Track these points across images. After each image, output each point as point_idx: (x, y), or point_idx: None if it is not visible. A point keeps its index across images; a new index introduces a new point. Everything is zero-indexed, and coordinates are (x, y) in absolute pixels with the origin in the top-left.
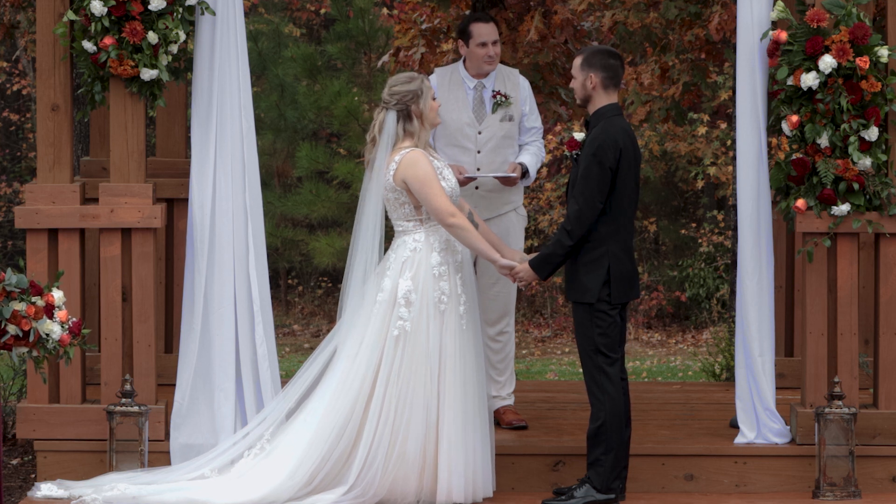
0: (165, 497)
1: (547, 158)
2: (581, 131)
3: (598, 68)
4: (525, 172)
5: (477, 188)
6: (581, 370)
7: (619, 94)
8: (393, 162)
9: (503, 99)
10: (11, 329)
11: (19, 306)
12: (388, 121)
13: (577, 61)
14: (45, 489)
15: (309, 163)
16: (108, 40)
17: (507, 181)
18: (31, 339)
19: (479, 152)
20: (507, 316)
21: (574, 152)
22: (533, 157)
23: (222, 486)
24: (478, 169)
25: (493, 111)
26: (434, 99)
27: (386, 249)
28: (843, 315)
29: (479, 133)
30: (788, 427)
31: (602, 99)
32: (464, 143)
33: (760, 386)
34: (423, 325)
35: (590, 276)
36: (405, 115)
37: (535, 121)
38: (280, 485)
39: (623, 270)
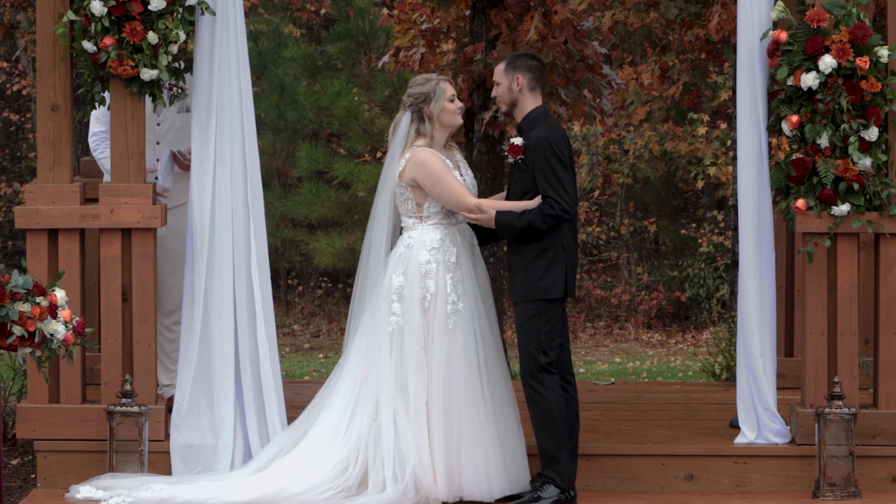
0: (194, 496)
1: None
2: (516, 136)
3: (524, 70)
4: None
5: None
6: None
7: (614, 100)
8: (403, 159)
9: (179, 91)
10: (17, 330)
11: (24, 307)
12: (402, 122)
13: (500, 67)
14: (85, 491)
15: (309, 163)
16: (108, 40)
17: (180, 162)
18: (37, 339)
19: (157, 143)
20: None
21: (518, 157)
22: None
23: (248, 481)
24: (157, 160)
25: (171, 103)
26: (452, 101)
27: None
28: (843, 315)
29: (158, 125)
30: (788, 427)
31: (530, 101)
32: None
33: (761, 386)
34: (414, 320)
35: (550, 272)
36: (419, 117)
37: None
38: (301, 476)
39: (574, 262)
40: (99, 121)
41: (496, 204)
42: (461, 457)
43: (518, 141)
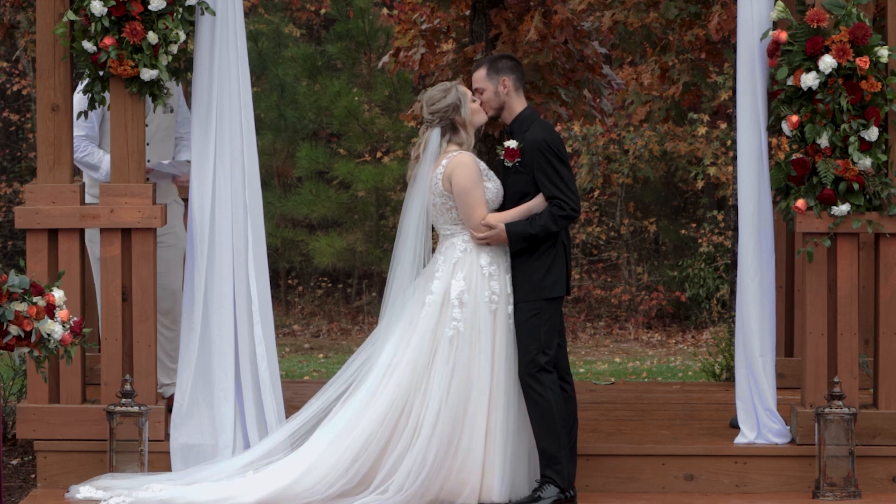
0: (195, 497)
1: None
2: (508, 140)
3: (507, 71)
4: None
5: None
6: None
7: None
8: (440, 166)
9: (164, 90)
10: (13, 330)
11: (21, 307)
12: (432, 139)
13: (481, 73)
14: (85, 491)
15: (309, 163)
16: (108, 40)
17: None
18: (33, 339)
19: (148, 144)
20: (177, 305)
21: (515, 161)
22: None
23: (251, 482)
24: (147, 160)
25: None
26: (474, 101)
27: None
28: (843, 315)
29: (147, 125)
30: (788, 427)
31: (517, 102)
32: None
33: (761, 386)
34: (477, 325)
35: (552, 271)
36: (451, 129)
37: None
38: (297, 479)
39: (570, 259)
40: (79, 126)
41: (498, 216)
42: (507, 455)
43: (513, 144)
